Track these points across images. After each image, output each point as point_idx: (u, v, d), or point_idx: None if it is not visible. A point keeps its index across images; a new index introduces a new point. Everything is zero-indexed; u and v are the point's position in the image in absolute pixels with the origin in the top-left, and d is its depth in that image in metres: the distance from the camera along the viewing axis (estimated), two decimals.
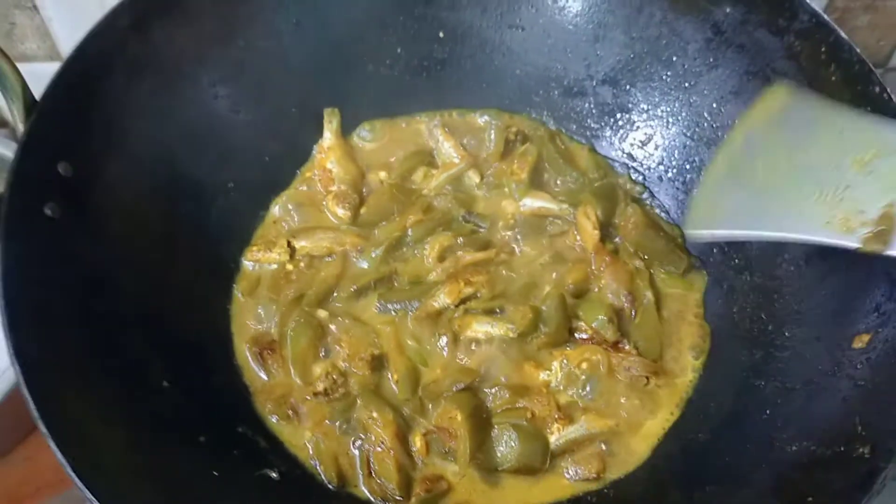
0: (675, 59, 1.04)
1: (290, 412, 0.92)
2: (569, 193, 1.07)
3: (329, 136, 1.08)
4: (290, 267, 1.01)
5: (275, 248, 1.01)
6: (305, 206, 1.07)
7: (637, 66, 1.07)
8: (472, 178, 1.08)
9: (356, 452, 0.90)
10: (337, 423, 0.91)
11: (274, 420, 0.92)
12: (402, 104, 1.13)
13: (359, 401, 0.91)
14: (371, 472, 0.88)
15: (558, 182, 1.09)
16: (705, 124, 1.04)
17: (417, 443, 0.89)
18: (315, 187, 1.08)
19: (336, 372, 0.93)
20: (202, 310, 0.97)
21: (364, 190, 1.08)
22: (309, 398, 0.92)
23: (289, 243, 1.01)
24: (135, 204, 0.91)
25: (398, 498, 0.87)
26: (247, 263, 1.02)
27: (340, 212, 1.04)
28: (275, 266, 1.02)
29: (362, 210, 1.06)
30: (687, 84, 1.04)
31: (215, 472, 0.81)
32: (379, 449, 0.88)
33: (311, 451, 0.90)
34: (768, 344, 0.92)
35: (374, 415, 0.89)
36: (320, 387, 0.92)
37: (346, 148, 1.09)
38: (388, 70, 1.10)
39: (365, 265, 1.01)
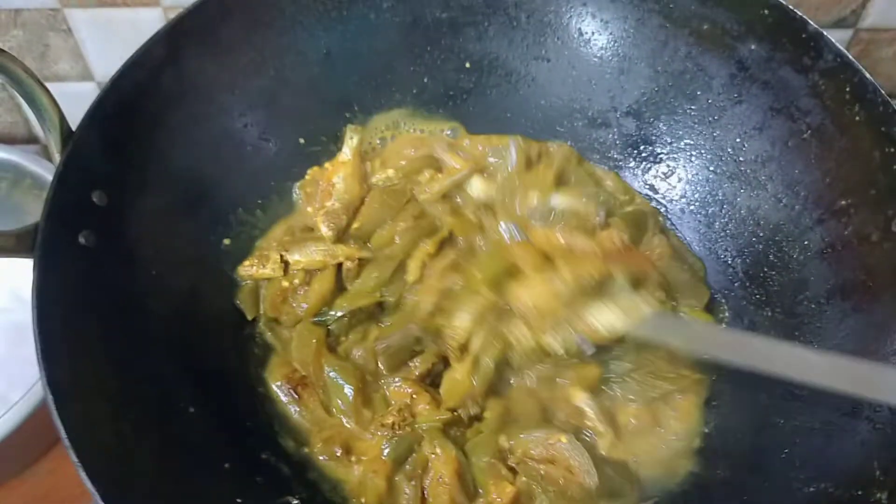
0: (699, 93, 1.04)
1: (337, 451, 0.90)
2: (599, 205, 1.04)
3: (347, 153, 1.05)
4: (285, 284, 0.99)
5: (268, 262, 0.99)
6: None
7: (661, 99, 1.07)
8: (477, 185, 1.06)
9: (409, 490, 0.88)
10: (395, 459, 0.89)
11: (323, 459, 0.90)
12: None
13: (424, 437, 0.90)
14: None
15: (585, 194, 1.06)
16: (728, 158, 1.04)
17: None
18: (312, 203, 1.06)
19: (407, 409, 0.92)
20: (227, 336, 0.97)
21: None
22: (368, 435, 0.92)
23: (282, 257, 0.99)
24: (165, 230, 0.92)
25: None
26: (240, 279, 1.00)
27: (325, 230, 1.00)
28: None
29: (356, 224, 1.03)
30: (711, 118, 1.04)
31: (239, 500, 0.82)
32: (437, 481, 0.87)
33: (354, 487, 0.89)
34: (788, 381, 0.92)
35: (438, 451, 0.88)
36: (389, 420, 0.91)
37: (359, 168, 1.06)
38: (415, 98, 1.11)
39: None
